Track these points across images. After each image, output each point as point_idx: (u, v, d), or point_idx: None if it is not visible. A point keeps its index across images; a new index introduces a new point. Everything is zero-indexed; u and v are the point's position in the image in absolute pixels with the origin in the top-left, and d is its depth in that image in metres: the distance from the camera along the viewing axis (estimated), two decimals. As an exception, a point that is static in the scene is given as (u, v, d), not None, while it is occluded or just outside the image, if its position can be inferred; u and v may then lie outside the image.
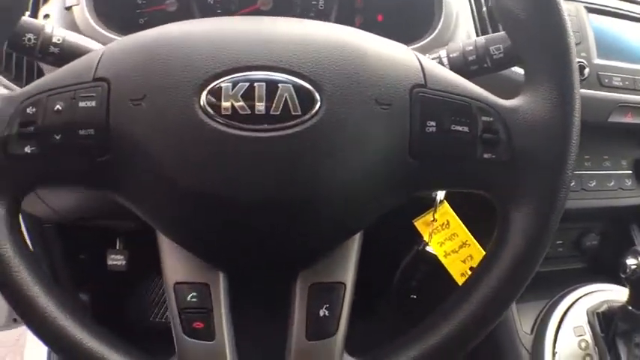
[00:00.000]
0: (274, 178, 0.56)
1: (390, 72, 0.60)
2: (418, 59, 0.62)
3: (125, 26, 0.83)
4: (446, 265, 0.86)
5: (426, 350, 0.64)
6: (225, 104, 0.56)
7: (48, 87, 0.59)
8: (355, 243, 0.66)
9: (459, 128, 0.60)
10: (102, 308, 1.32)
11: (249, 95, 0.56)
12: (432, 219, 0.84)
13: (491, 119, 0.61)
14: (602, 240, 1.29)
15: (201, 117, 0.56)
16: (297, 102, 0.56)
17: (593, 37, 1.08)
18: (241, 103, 0.56)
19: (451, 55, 0.72)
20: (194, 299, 0.64)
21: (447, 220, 0.85)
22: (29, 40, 0.67)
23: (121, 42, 0.61)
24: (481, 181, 0.64)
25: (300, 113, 0.56)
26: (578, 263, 1.31)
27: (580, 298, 1.15)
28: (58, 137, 0.58)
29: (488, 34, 0.84)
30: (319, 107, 0.56)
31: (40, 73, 0.87)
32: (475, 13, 0.97)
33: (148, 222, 0.64)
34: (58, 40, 0.69)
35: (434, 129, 0.60)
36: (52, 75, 0.61)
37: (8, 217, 0.60)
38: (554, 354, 1.08)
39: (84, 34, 0.75)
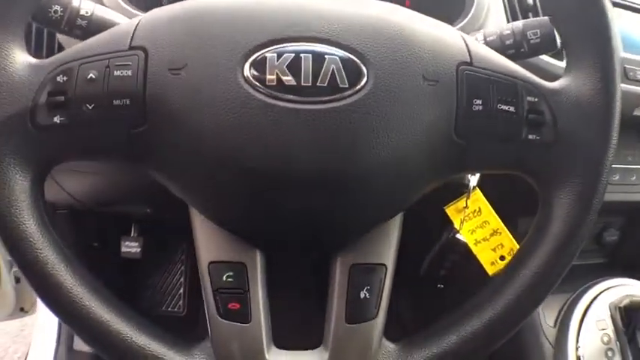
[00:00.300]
0: (318, 152, 0.55)
1: (436, 48, 0.59)
2: (462, 38, 0.61)
3: (148, 6, 0.81)
4: (476, 253, 0.84)
5: (467, 335, 0.63)
6: (270, 75, 0.54)
7: (80, 55, 0.57)
8: (396, 224, 0.64)
9: (505, 108, 0.60)
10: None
11: (294, 67, 0.54)
12: (465, 206, 0.82)
13: (536, 99, 0.60)
14: (622, 235, 1.28)
15: (245, 87, 0.54)
16: (344, 75, 0.55)
17: (618, 31, 1.07)
18: (287, 75, 0.54)
19: (488, 39, 0.71)
20: (230, 279, 0.62)
21: (479, 208, 0.83)
22: (55, 12, 0.65)
23: (159, 11, 0.60)
24: (524, 162, 0.63)
25: (347, 86, 0.55)
26: (598, 258, 1.30)
27: (602, 292, 1.14)
28: (90, 107, 0.56)
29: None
30: (366, 81, 0.55)
31: (61, 48, 0.85)
32: (506, 3, 0.96)
33: (182, 198, 0.62)
34: (86, 12, 0.66)
35: (480, 107, 0.59)
36: (84, 43, 0.59)
37: (32, 191, 0.58)
38: (577, 348, 1.07)
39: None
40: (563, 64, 0.89)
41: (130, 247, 1.19)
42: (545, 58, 0.93)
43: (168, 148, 0.57)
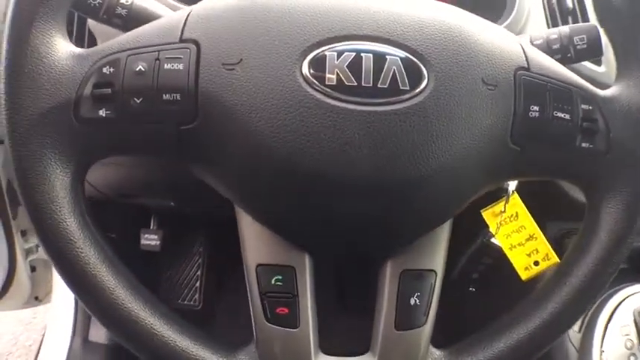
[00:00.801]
0: (377, 156, 0.53)
1: (494, 51, 0.58)
2: (519, 42, 0.61)
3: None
4: (510, 258, 0.83)
5: (513, 343, 0.62)
6: (330, 74, 0.53)
7: (128, 46, 0.56)
8: (446, 229, 0.63)
9: (561, 115, 0.59)
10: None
11: (355, 66, 0.53)
12: (502, 210, 0.81)
13: (590, 107, 0.60)
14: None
15: (303, 85, 0.53)
16: (405, 76, 0.54)
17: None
18: (348, 74, 0.53)
19: (535, 42, 0.69)
20: (278, 283, 0.60)
21: (516, 212, 0.82)
22: None
23: (210, 3, 0.58)
24: (576, 170, 0.62)
25: (407, 88, 0.53)
26: (622, 263, 1.29)
27: (626, 298, 1.15)
28: (138, 101, 0.54)
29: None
30: (427, 83, 0.54)
31: (91, 38, 0.83)
32: (546, 6, 0.94)
33: (229, 197, 0.61)
34: (127, 1, 0.65)
35: (537, 114, 0.58)
36: (130, 34, 0.57)
37: (73, 187, 0.56)
38: (601, 352, 1.07)
39: None
40: (602, 69, 0.88)
41: (150, 239, 1.17)
42: (585, 63, 0.91)
43: (219, 146, 0.56)
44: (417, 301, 0.61)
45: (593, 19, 0.91)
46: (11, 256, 1.32)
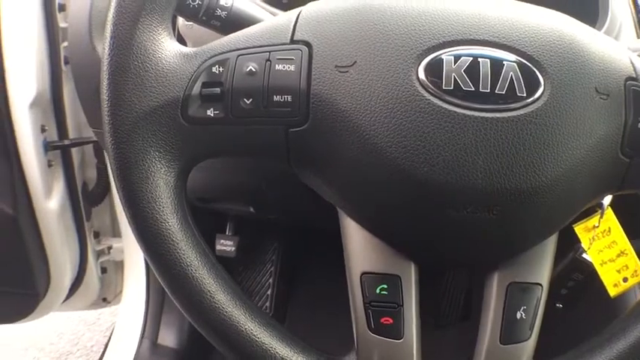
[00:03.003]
0: (492, 163, 0.52)
1: (605, 60, 0.57)
2: (627, 52, 0.59)
3: (271, 2, 0.79)
4: (600, 274, 0.81)
5: (612, 358, 0.61)
6: (447, 79, 0.52)
7: (238, 46, 0.55)
8: (553, 242, 0.62)
9: None
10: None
11: (472, 71, 0.52)
12: (596, 225, 0.80)
13: None
14: None
15: (419, 89, 0.52)
16: (522, 83, 0.52)
17: None
18: (465, 79, 0.52)
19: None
20: (384, 292, 0.59)
21: (609, 227, 0.80)
22: (194, 0, 0.63)
23: (320, 5, 0.57)
24: None
25: (525, 95, 0.52)
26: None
27: None
28: (248, 102, 0.54)
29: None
30: (543, 90, 0.53)
31: (180, 39, 0.83)
32: (635, 17, 0.93)
33: (335, 203, 0.60)
34: (226, 3, 0.65)
35: None
36: (238, 34, 0.57)
37: (176, 188, 0.56)
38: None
39: None
40: None
41: (226, 245, 1.17)
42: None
43: (329, 150, 0.55)
44: (523, 314, 0.60)
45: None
46: (82, 257, 1.34)
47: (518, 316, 0.59)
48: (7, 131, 1.12)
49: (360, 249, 0.60)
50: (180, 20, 0.84)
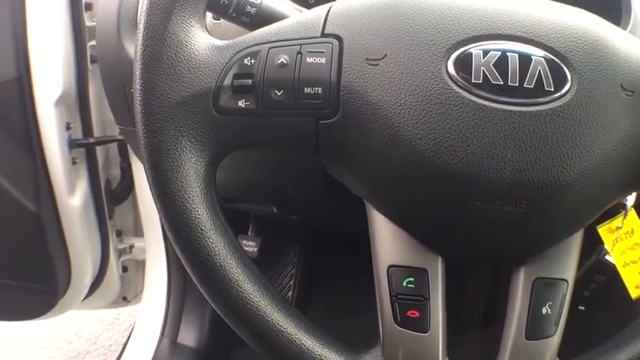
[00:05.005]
0: (521, 156, 0.53)
1: (630, 57, 0.57)
2: None
3: (298, 1, 0.80)
4: (623, 276, 0.81)
5: (635, 355, 0.61)
6: (476, 73, 0.53)
7: (269, 39, 0.56)
8: (579, 238, 0.62)
9: None
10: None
11: (501, 66, 0.53)
12: (619, 226, 0.80)
13: None
14: None
15: (449, 83, 0.53)
16: (550, 77, 0.53)
17: None
18: (494, 73, 0.53)
19: None
20: (411, 285, 0.59)
21: (632, 229, 0.81)
22: None
23: (350, 0, 0.58)
24: None
25: (552, 89, 0.53)
26: None
27: None
28: (279, 93, 0.55)
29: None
30: (570, 85, 0.54)
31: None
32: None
33: (364, 196, 0.61)
34: (256, 0, 0.66)
35: None
36: (269, 27, 0.58)
37: (206, 177, 0.57)
38: None
39: None
40: None
41: (248, 245, 1.18)
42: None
43: (359, 142, 0.56)
44: (549, 310, 0.60)
45: None
46: (104, 255, 1.35)
47: (544, 311, 0.60)
48: (32, 128, 1.13)
49: (388, 242, 0.60)
50: (208, 18, 0.85)
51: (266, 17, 0.66)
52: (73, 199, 1.21)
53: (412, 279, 0.59)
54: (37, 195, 1.17)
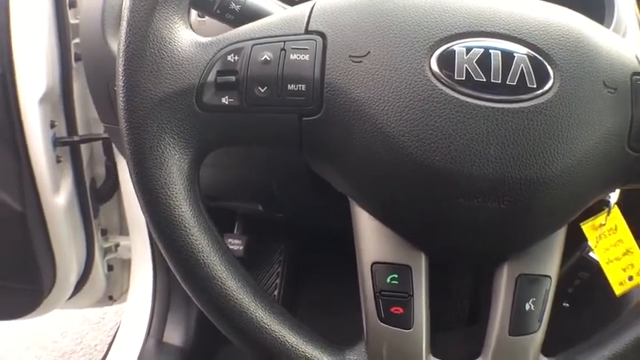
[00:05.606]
0: (504, 153, 0.53)
1: (612, 55, 0.58)
2: (632, 49, 0.60)
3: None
4: (606, 273, 0.82)
5: (619, 351, 0.62)
6: (459, 70, 0.53)
7: (253, 35, 0.56)
8: (562, 235, 0.62)
9: None
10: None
11: (484, 62, 0.53)
12: (603, 223, 0.80)
13: None
14: None
15: (432, 80, 0.53)
16: (532, 74, 0.53)
17: None
18: (477, 70, 0.53)
19: None
20: (394, 282, 0.59)
21: (615, 225, 0.81)
22: None
23: None
24: None
25: (535, 86, 0.53)
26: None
27: None
28: (262, 90, 0.55)
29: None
30: (553, 82, 0.54)
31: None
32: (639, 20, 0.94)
33: (347, 193, 0.61)
34: None
35: None
36: (253, 24, 0.58)
37: (189, 174, 0.57)
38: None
39: None
40: None
41: (234, 244, 1.17)
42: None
43: (342, 139, 0.56)
44: (532, 306, 0.60)
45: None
46: (89, 254, 1.34)
47: (527, 307, 0.60)
48: (17, 126, 1.12)
49: (371, 239, 0.60)
50: (193, 15, 0.84)
51: (250, 14, 0.66)
52: (57, 197, 1.20)
53: (396, 275, 0.59)
54: (22, 194, 1.16)
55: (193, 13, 0.84)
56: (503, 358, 0.60)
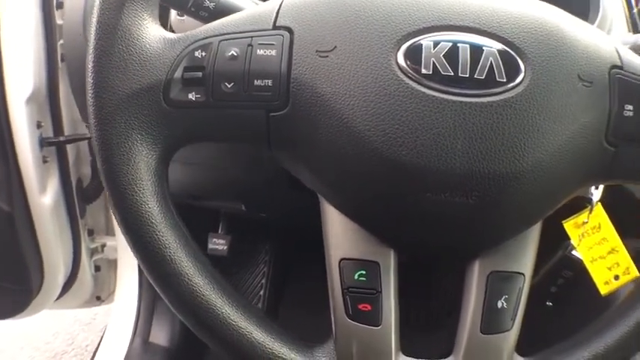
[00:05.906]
0: (471, 147, 0.53)
1: (589, 49, 0.57)
2: (612, 42, 0.60)
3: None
4: (591, 272, 0.81)
5: (599, 352, 0.61)
6: (426, 64, 0.52)
7: (220, 31, 0.56)
8: (536, 232, 0.62)
9: None
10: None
11: (452, 57, 0.53)
12: (585, 221, 0.79)
13: None
14: None
15: (398, 74, 0.53)
16: (502, 68, 0.53)
17: None
18: (444, 64, 0.52)
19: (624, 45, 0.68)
20: (362, 278, 0.59)
21: (599, 223, 0.80)
22: None
23: None
24: None
25: (504, 80, 0.53)
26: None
27: None
28: (229, 86, 0.55)
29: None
30: (523, 76, 0.53)
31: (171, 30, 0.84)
32: (627, 16, 0.93)
33: (316, 189, 0.60)
34: None
35: (631, 113, 0.57)
36: (221, 20, 0.58)
37: (157, 171, 0.56)
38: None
39: None
40: None
41: (218, 244, 1.17)
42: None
43: (309, 134, 0.55)
44: (505, 304, 0.59)
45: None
46: (76, 254, 1.33)
47: (499, 305, 0.59)
48: (4, 126, 1.12)
49: (339, 235, 0.60)
50: (173, 14, 0.84)
51: (224, 11, 0.66)
52: (44, 198, 1.20)
53: (364, 272, 0.59)
54: (10, 194, 1.16)
55: (173, 12, 0.84)
56: (475, 356, 0.60)
